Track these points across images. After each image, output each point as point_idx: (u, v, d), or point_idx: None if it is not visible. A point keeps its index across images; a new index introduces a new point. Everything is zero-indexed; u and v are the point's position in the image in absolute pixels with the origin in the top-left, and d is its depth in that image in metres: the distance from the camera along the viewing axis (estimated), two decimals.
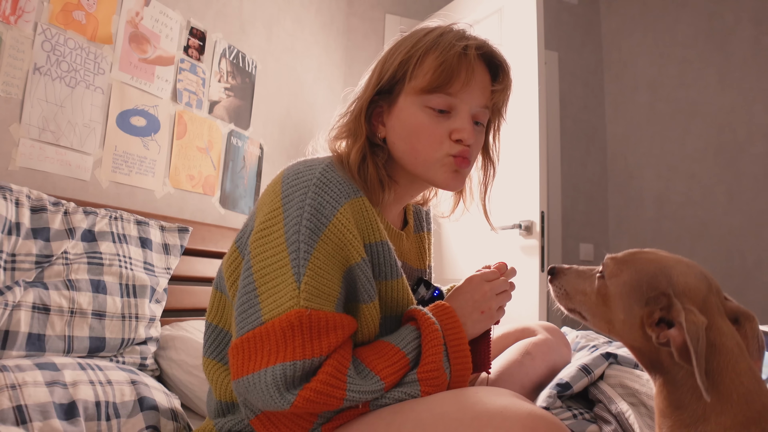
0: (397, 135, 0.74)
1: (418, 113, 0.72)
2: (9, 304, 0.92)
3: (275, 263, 0.63)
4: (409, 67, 0.71)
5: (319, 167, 0.67)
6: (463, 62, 0.71)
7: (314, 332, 0.60)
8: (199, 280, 1.54)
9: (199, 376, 1.13)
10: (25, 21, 1.22)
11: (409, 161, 0.74)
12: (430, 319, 0.68)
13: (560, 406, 0.91)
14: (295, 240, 0.62)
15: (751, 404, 0.44)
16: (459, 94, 0.72)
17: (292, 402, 0.57)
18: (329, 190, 0.65)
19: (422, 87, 0.70)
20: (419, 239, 0.91)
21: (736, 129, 2.36)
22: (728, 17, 2.42)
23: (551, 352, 0.99)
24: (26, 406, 0.74)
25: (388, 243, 0.71)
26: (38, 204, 1.10)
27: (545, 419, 0.51)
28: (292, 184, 0.66)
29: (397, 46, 0.75)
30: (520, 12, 1.97)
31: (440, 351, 0.66)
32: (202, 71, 1.74)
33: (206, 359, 0.77)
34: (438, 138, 0.72)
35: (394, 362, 0.65)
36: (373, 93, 0.74)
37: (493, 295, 0.75)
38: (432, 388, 0.64)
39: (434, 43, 0.71)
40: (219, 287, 0.78)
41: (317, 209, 0.64)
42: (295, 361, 0.58)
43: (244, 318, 0.63)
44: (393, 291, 0.72)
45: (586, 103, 2.92)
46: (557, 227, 2.73)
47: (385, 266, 0.70)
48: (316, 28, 2.36)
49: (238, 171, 1.90)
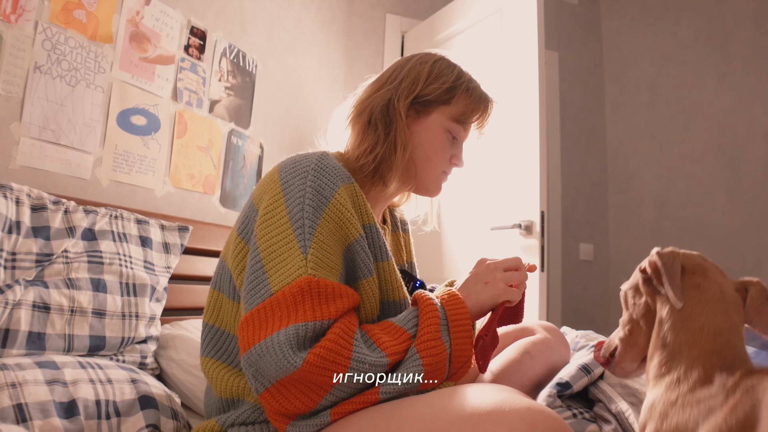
0: (418, 141, 0.86)
1: (441, 132, 0.87)
2: (9, 303, 0.92)
3: (281, 240, 0.67)
4: (454, 95, 0.86)
5: (315, 155, 0.74)
6: (485, 111, 0.90)
7: (322, 297, 0.63)
8: (199, 279, 1.54)
9: (199, 375, 1.13)
10: (25, 20, 1.22)
11: (419, 167, 0.86)
12: (429, 297, 0.70)
13: (560, 406, 0.91)
14: (299, 218, 0.67)
15: (717, 339, 0.51)
16: (468, 131, 0.90)
17: (304, 359, 0.59)
18: (327, 174, 0.72)
19: (456, 115, 0.86)
20: (396, 237, 1.01)
21: (736, 129, 2.36)
22: (728, 18, 2.42)
23: (550, 351, 1.00)
24: (26, 405, 0.74)
25: (377, 225, 0.76)
26: (38, 203, 1.10)
27: (544, 413, 0.51)
28: (290, 171, 0.72)
29: (439, 70, 0.87)
30: (521, 12, 1.97)
31: (437, 322, 0.67)
32: (202, 70, 1.74)
33: (204, 358, 0.78)
34: (446, 157, 0.89)
35: (396, 337, 0.67)
36: (414, 98, 0.85)
37: (498, 269, 0.75)
38: (432, 358, 0.65)
39: (470, 85, 0.88)
40: (217, 286, 0.79)
41: (317, 190, 0.69)
42: (307, 322, 0.61)
43: (253, 294, 0.65)
44: (385, 272, 0.76)
45: (586, 103, 2.92)
46: (557, 227, 2.73)
47: (376, 247, 0.75)
48: (317, 27, 2.37)
49: (238, 170, 1.90)
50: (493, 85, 2.26)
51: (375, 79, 0.90)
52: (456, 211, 2.17)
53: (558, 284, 2.69)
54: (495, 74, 2.03)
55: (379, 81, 0.88)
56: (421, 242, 2.27)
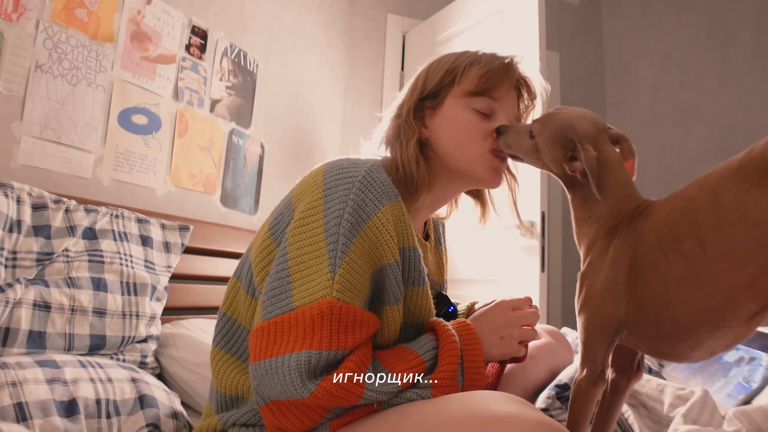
0: (443, 132, 0.81)
1: (465, 113, 0.80)
2: (10, 302, 0.92)
3: (312, 252, 0.64)
4: (457, 73, 0.80)
5: (365, 165, 0.70)
6: (507, 72, 0.81)
7: (342, 325, 0.61)
8: (199, 279, 1.55)
9: (200, 374, 1.13)
10: (27, 19, 1.23)
11: (454, 156, 0.80)
12: (450, 331, 0.69)
13: (559, 407, 0.91)
14: (335, 232, 0.64)
15: (622, 195, 0.69)
16: (500, 99, 0.81)
17: (312, 391, 0.57)
18: (373, 189, 0.67)
19: (470, 90, 0.79)
20: (438, 254, 0.95)
21: (738, 130, 2.36)
22: (730, 19, 2.42)
23: (554, 356, 1.00)
24: (27, 404, 0.74)
25: (418, 249, 0.72)
26: (39, 202, 1.10)
27: (552, 428, 0.51)
28: (335, 178, 0.68)
29: (438, 61, 0.83)
30: (522, 12, 1.97)
31: (456, 362, 0.66)
32: (203, 70, 1.75)
33: (215, 349, 0.76)
34: (482, 134, 0.80)
35: (411, 366, 0.65)
36: (418, 98, 0.81)
37: (517, 324, 0.75)
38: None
39: (476, 56, 0.82)
40: (237, 274, 0.77)
41: (360, 205, 0.65)
42: (321, 351, 0.59)
43: (274, 302, 0.63)
44: (417, 297, 0.73)
45: (587, 103, 2.92)
46: (558, 228, 2.73)
47: (413, 271, 0.71)
48: (318, 27, 2.37)
49: (239, 170, 1.90)
50: None
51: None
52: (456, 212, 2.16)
53: (558, 285, 2.69)
54: None
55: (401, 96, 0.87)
56: None
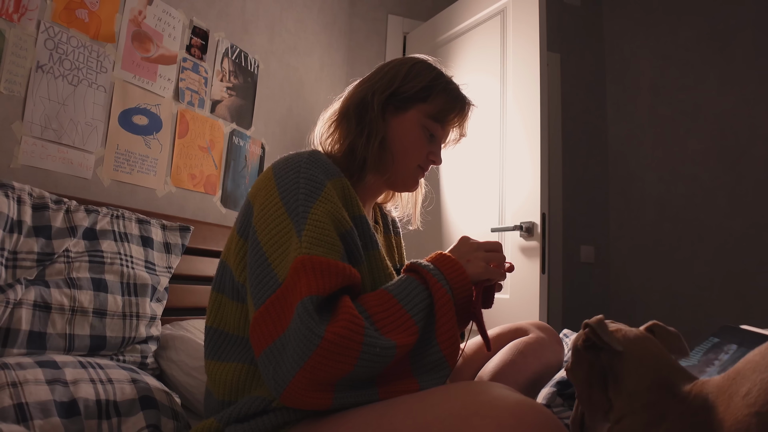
0: (397, 135, 0.89)
1: (418, 128, 0.90)
2: (10, 302, 0.92)
3: (280, 231, 0.69)
4: (430, 94, 0.89)
5: (306, 152, 0.79)
6: (462, 112, 0.93)
7: (317, 272, 0.64)
8: (200, 280, 1.54)
9: (198, 377, 1.13)
10: (28, 19, 1.23)
11: (396, 159, 0.89)
12: (438, 283, 0.71)
13: (561, 404, 0.92)
14: (294, 206, 0.70)
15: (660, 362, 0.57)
16: (446, 130, 0.93)
17: (322, 336, 0.59)
18: (318, 167, 0.76)
19: (432, 113, 0.89)
20: (387, 239, 1.04)
21: (738, 132, 2.36)
22: (730, 20, 2.42)
23: (544, 350, 1.02)
24: (27, 404, 0.74)
25: (366, 217, 0.79)
26: (40, 202, 1.10)
27: (534, 407, 0.51)
28: (283, 167, 0.76)
29: (417, 68, 0.91)
30: (523, 14, 1.97)
31: (453, 317, 0.70)
32: (204, 70, 1.75)
33: (208, 362, 0.78)
34: (423, 152, 0.91)
35: (404, 329, 0.68)
36: (390, 94, 0.88)
37: (480, 248, 0.79)
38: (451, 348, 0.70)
39: (448, 86, 0.91)
40: (217, 288, 0.80)
41: (311, 178, 0.73)
42: (311, 296, 0.62)
43: (261, 288, 0.66)
44: (375, 260, 0.78)
45: (588, 105, 2.92)
46: (558, 229, 2.73)
47: (365, 237, 0.78)
48: (319, 28, 2.37)
49: (239, 170, 1.90)
50: (494, 86, 2.25)
51: (358, 81, 0.95)
52: (457, 212, 2.17)
53: (559, 286, 2.69)
54: (497, 76, 2.03)
55: (361, 83, 0.94)
56: (421, 243, 2.27)
